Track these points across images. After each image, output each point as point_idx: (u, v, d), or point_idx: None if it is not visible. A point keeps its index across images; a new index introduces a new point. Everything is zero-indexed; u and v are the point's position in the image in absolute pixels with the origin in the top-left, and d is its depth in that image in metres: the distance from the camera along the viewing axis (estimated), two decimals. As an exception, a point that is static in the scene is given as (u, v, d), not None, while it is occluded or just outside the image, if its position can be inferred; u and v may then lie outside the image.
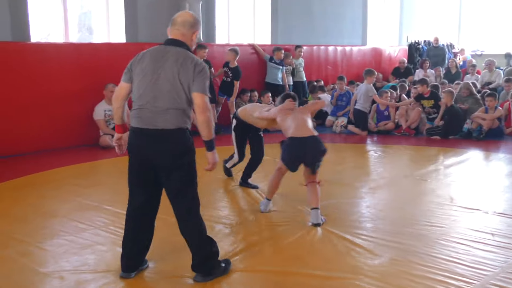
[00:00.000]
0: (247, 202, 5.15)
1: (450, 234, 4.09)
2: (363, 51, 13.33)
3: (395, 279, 3.29)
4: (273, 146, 5.56)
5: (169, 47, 3.15)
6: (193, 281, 3.23)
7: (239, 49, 9.73)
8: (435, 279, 3.28)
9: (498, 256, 3.64)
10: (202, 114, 3.07)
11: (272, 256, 3.75)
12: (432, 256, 3.65)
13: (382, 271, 3.43)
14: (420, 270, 3.42)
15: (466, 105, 9.50)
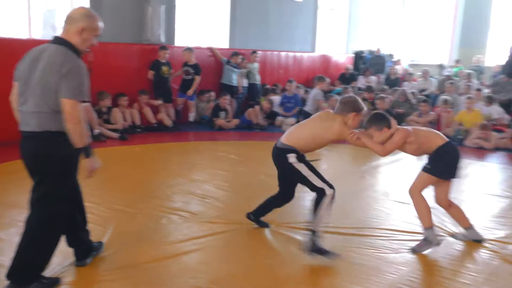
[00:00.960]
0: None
1: (384, 226, 4.19)
2: (313, 57, 13.47)
3: (334, 265, 3.34)
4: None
5: (47, 46, 2.77)
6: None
7: (199, 51, 9.68)
8: (369, 265, 3.36)
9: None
10: (69, 122, 2.65)
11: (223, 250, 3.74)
12: (367, 245, 3.74)
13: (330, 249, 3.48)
14: (356, 258, 3.49)
15: (403, 110, 9.76)
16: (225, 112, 9.69)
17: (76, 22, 2.79)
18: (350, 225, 4.19)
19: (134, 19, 9.09)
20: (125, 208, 4.43)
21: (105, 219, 4.07)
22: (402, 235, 4.01)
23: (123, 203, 4.54)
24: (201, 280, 3.10)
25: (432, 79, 12.62)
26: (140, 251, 3.48)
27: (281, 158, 3.64)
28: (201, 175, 5.78)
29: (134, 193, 4.96)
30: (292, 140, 3.63)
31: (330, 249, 3.44)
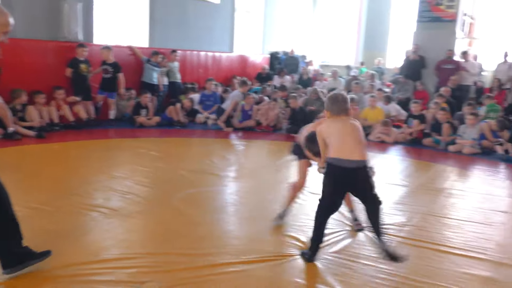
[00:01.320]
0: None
1: (298, 215, 4.34)
2: (231, 57, 13.55)
3: (253, 252, 3.42)
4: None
5: None
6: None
7: (119, 50, 9.40)
8: (282, 254, 3.48)
9: (333, 231, 3.95)
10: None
11: (144, 241, 3.68)
12: (281, 234, 3.86)
13: (242, 248, 3.54)
14: (271, 246, 3.60)
15: (314, 107, 10.12)
16: (146, 110, 9.49)
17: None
18: (267, 217, 4.29)
19: (49, 16, 8.60)
20: (43, 206, 4.22)
21: (20, 218, 3.84)
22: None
23: (40, 202, 4.32)
24: (122, 275, 3.04)
25: (340, 79, 13.18)
26: (60, 249, 3.33)
27: (366, 174, 3.34)
28: (122, 171, 5.63)
29: (52, 191, 4.73)
30: (364, 155, 3.31)
31: (248, 238, 3.50)
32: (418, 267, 3.34)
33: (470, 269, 3.33)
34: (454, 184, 5.82)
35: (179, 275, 3.06)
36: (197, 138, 8.66)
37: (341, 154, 3.22)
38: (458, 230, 4.13)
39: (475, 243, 3.83)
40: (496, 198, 5.25)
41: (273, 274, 3.14)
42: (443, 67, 11.50)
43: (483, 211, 4.73)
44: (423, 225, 4.21)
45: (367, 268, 3.30)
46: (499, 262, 3.50)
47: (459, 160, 7.40)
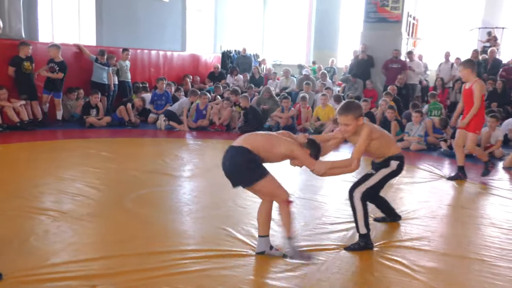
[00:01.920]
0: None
1: (251, 214, 4.36)
2: (183, 56, 13.44)
3: (207, 252, 3.42)
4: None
5: None
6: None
7: (66, 48, 9.13)
8: (236, 253, 3.50)
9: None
10: None
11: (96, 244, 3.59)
12: (235, 231, 3.87)
13: (196, 248, 3.53)
14: (225, 245, 3.61)
15: (267, 106, 10.21)
16: (96, 110, 9.26)
17: None
18: (220, 216, 4.29)
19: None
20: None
21: (-38, 225, 3.68)
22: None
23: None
24: (73, 279, 2.96)
25: (292, 77, 13.36)
26: (4, 254, 3.20)
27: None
28: (71, 173, 5.47)
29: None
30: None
31: (202, 237, 3.50)
32: (368, 262, 3.44)
33: (416, 261, 3.47)
34: (402, 179, 6.02)
35: (132, 276, 3.02)
36: (149, 138, 8.54)
37: (399, 149, 3.89)
38: (406, 224, 4.29)
39: (421, 236, 4.00)
40: (440, 192, 5.49)
41: (227, 273, 3.15)
42: (390, 66, 11.89)
43: (428, 205, 4.94)
44: (372, 221, 4.34)
45: (322, 264, 3.37)
46: (442, 253, 3.67)
47: (406, 156, 7.57)
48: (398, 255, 3.56)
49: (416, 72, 12.01)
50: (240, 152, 3.21)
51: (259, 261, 3.35)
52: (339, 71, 15.54)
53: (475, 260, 3.52)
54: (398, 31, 12.38)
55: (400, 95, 11.08)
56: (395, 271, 3.28)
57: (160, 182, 5.34)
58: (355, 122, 3.50)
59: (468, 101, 5.90)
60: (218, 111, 9.67)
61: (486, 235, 4.07)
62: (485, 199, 5.32)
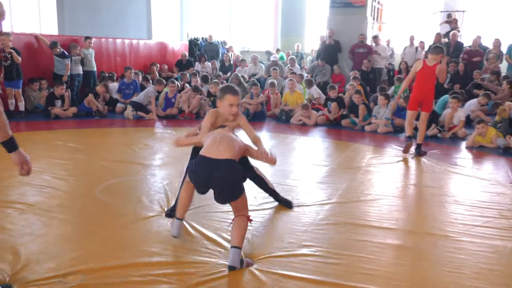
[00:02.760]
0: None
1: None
2: (149, 44, 13.23)
3: (178, 240, 3.43)
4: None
5: None
6: None
7: (27, 37, 8.88)
8: (211, 238, 3.52)
9: (264, 214, 4.05)
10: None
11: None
12: (212, 220, 3.89)
13: (166, 235, 3.53)
14: (194, 230, 3.63)
15: (236, 93, 10.19)
16: (61, 101, 9.05)
17: None
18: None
19: None
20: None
21: None
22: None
23: None
24: (44, 270, 2.92)
25: (261, 64, 13.36)
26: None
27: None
28: (38, 165, 5.33)
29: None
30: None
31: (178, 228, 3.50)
32: (339, 241, 3.53)
33: (384, 239, 3.58)
34: (371, 161, 6.16)
35: (103, 266, 3.00)
36: (117, 128, 8.42)
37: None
38: (374, 204, 4.40)
39: (389, 215, 4.11)
40: (407, 173, 5.65)
41: (200, 259, 3.17)
42: (356, 51, 12.03)
43: (396, 185, 5.08)
44: (343, 202, 4.43)
45: (291, 245, 3.43)
46: (409, 230, 3.79)
47: (374, 139, 7.83)
48: (367, 234, 3.66)
49: (382, 56, 12.20)
50: (234, 168, 3.04)
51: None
52: (306, 56, 15.63)
53: (440, 236, 3.66)
54: (364, 16, 12.51)
55: (367, 79, 11.25)
56: (364, 249, 3.37)
57: (130, 172, 5.29)
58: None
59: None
60: (187, 99, 9.61)
61: (450, 212, 4.22)
62: (449, 178, 5.50)
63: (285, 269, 3.05)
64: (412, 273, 3.06)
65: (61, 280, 2.80)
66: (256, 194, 4.55)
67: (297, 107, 9.38)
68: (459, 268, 3.13)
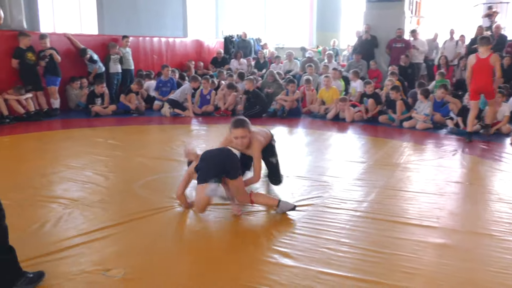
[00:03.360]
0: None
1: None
2: (185, 42, 13.38)
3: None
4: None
5: None
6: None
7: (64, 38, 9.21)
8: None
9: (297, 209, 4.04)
10: None
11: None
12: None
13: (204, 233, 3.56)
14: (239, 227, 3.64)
15: (272, 89, 10.18)
16: (101, 99, 9.29)
17: None
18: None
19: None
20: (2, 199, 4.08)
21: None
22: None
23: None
24: (87, 264, 3.01)
25: (296, 60, 13.28)
26: (18, 243, 3.25)
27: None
28: (79, 161, 5.51)
29: (5, 184, 4.58)
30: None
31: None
32: (378, 239, 3.47)
33: (425, 238, 3.49)
34: (409, 158, 6.03)
35: (144, 259, 3.06)
36: (155, 125, 8.56)
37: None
38: (414, 202, 4.31)
39: (429, 213, 4.01)
40: (448, 170, 5.49)
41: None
42: (394, 46, 11.79)
43: (436, 183, 4.94)
44: (381, 199, 4.36)
45: (329, 243, 3.40)
46: (451, 229, 3.69)
47: (413, 136, 7.67)
48: (407, 232, 3.58)
49: (420, 51, 11.90)
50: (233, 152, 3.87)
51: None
52: (342, 52, 15.43)
53: (484, 236, 3.54)
54: (401, 10, 12.24)
55: (405, 75, 11.00)
56: (404, 247, 3.30)
57: (168, 168, 5.37)
58: (250, 134, 3.93)
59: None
60: (223, 97, 9.66)
61: (494, 210, 4.08)
62: (493, 175, 5.32)
63: (323, 266, 3.03)
64: (456, 273, 2.97)
65: (105, 273, 2.87)
66: (294, 190, 4.54)
67: (333, 104, 9.28)
68: (506, 268, 3.02)
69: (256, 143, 3.95)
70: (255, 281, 2.82)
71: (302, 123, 8.81)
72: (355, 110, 9.05)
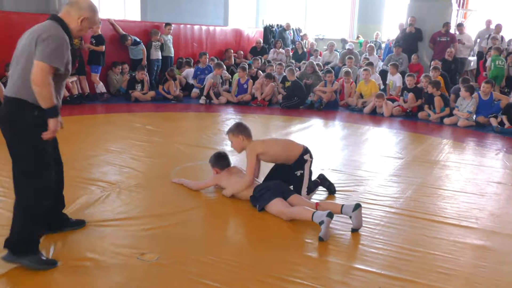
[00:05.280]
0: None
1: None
2: (225, 31, 13.41)
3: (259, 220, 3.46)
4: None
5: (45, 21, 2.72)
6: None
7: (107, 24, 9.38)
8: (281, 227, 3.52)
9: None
10: (34, 84, 2.57)
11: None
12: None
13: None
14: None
15: (310, 81, 10.09)
16: (141, 85, 9.44)
17: (81, 10, 2.77)
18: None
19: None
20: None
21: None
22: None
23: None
24: (123, 247, 3.08)
25: (336, 52, 13.09)
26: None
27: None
28: (118, 146, 5.63)
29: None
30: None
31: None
32: (413, 237, 3.40)
33: (463, 238, 3.40)
34: (449, 156, 5.87)
35: (176, 246, 3.11)
36: (192, 112, 8.64)
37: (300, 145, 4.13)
38: (452, 201, 4.19)
39: (468, 213, 3.90)
40: (489, 170, 5.31)
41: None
42: (438, 39, 11.42)
43: (476, 182, 4.79)
44: (418, 197, 4.26)
45: (363, 238, 3.36)
46: (491, 231, 3.57)
47: (453, 133, 7.45)
48: (444, 232, 3.49)
49: (466, 46, 11.51)
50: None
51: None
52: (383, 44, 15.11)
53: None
54: (448, 2, 11.83)
55: (448, 70, 10.66)
56: (441, 247, 3.22)
57: (204, 156, 5.40)
58: (240, 140, 3.99)
59: None
60: (260, 86, 9.64)
61: (538, 214, 3.92)
62: (538, 177, 5.10)
63: (356, 262, 3.00)
64: (495, 276, 2.88)
65: (139, 257, 2.93)
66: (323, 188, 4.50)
67: (371, 98, 9.11)
68: (547, 275, 2.91)
69: (249, 146, 3.96)
70: (288, 273, 2.82)
71: (339, 116, 8.70)
72: (393, 105, 8.85)
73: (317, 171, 4.93)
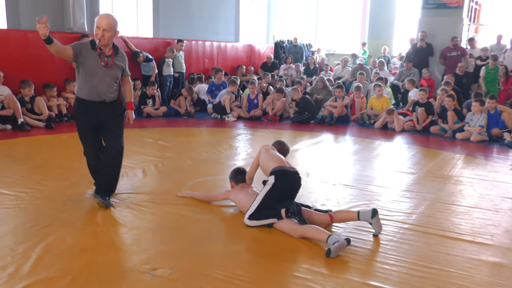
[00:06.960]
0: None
1: (306, 202, 4.35)
2: (236, 47, 13.52)
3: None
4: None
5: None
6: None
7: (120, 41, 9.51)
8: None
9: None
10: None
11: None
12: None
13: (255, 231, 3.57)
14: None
15: (321, 96, 10.10)
16: (152, 100, 9.53)
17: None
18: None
19: (54, 7, 8.61)
20: (54, 195, 4.27)
21: (32, 207, 3.91)
22: (322, 208, 4.18)
23: (50, 191, 4.37)
24: (134, 262, 3.08)
25: (348, 67, 13.12)
26: (70, 236, 3.38)
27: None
28: (130, 161, 5.66)
29: (62, 180, 4.78)
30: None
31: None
32: (426, 254, 3.35)
33: (478, 255, 3.34)
34: (462, 171, 5.81)
35: (190, 260, 3.10)
36: (204, 127, 8.69)
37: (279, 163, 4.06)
38: (466, 217, 4.14)
39: (482, 230, 3.84)
40: (504, 185, 5.24)
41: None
42: (448, 55, 11.41)
43: (490, 198, 4.73)
44: (431, 212, 4.22)
45: (376, 254, 3.32)
46: (507, 247, 3.51)
47: (466, 148, 7.38)
48: (458, 249, 3.44)
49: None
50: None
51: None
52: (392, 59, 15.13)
53: (542, 256, 3.35)
54: (459, 17, 11.84)
55: (460, 84, 10.61)
56: (455, 264, 3.17)
57: (215, 171, 5.43)
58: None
59: None
60: (271, 102, 9.68)
61: (554, 230, 3.86)
62: (553, 193, 5.02)
63: (368, 278, 2.96)
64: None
65: (151, 273, 2.93)
66: (340, 199, 4.48)
67: (382, 112, 9.09)
68: None
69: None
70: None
71: (350, 131, 8.68)
72: (405, 120, 8.81)
73: (329, 186, 4.93)
